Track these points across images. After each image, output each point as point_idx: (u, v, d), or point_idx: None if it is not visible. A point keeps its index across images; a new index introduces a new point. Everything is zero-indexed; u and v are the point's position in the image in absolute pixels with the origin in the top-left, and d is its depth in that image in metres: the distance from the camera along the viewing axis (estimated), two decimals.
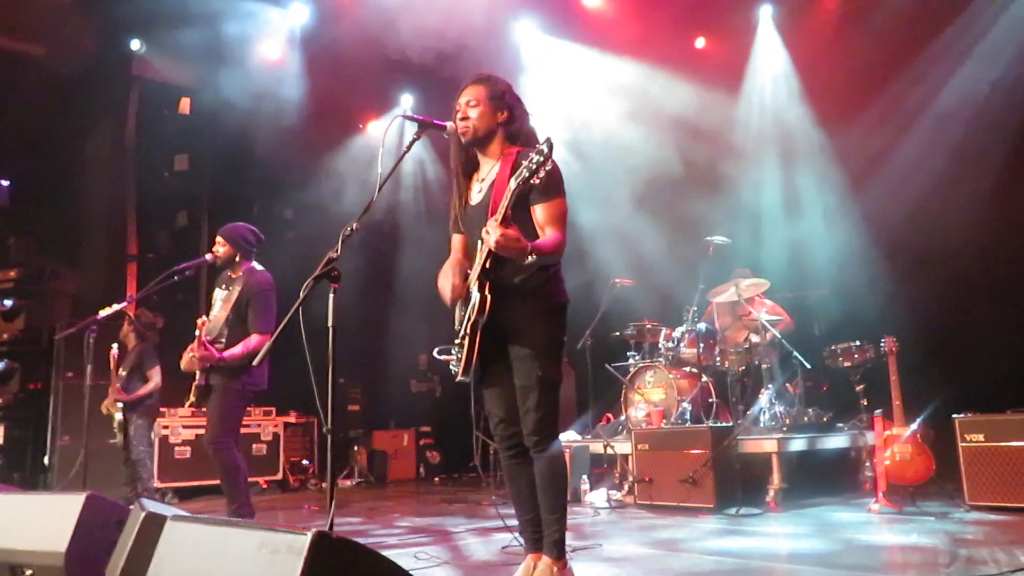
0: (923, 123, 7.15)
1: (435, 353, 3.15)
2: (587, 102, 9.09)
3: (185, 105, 9.17)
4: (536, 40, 9.12)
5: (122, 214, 9.18)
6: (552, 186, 2.90)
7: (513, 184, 2.73)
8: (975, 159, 6.62)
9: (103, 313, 4.96)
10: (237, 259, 4.61)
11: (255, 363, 2.80)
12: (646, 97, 8.65)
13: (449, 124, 3.03)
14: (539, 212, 2.91)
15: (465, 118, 3.01)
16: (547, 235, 2.87)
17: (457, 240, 3.19)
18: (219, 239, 4.65)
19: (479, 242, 2.87)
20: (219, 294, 4.65)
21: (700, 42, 8.97)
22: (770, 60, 8.57)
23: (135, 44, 8.76)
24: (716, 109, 8.43)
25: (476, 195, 3.07)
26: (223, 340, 4.41)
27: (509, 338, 2.92)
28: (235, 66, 8.42)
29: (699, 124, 8.34)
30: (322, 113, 9.44)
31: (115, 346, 6.24)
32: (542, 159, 2.66)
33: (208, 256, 4.65)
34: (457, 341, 2.94)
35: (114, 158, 9.10)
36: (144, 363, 6.27)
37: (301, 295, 2.59)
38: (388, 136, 2.99)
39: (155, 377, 6.25)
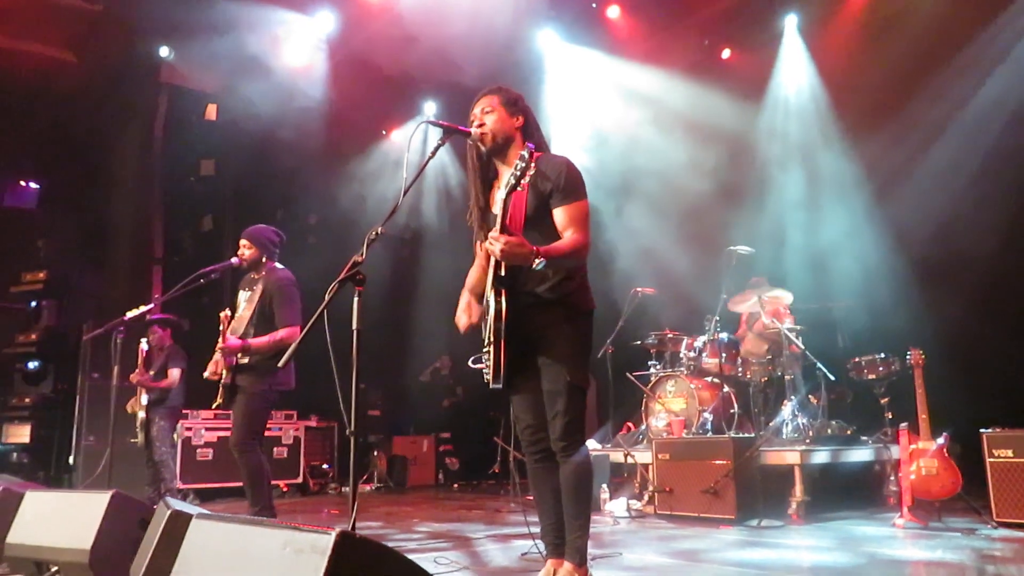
0: (950, 134, 7.06)
1: (470, 363, 3.15)
2: (610, 110, 9.10)
3: (212, 111, 9.30)
4: (559, 49, 9.15)
5: (148, 218, 9.32)
6: (572, 188, 2.92)
7: (502, 195, 2.81)
8: (1003, 171, 6.53)
9: (130, 315, 5.03)
10: (263, 260, 4.66)
11: (281, 364, 2.81)
12: (669, 106, 8.64)
13: (473, 130, 3.05)
14: (559, 215, 2.92)
15: (482, 125, 3.03)
16: (565, 238, 2.88)
17: (479, 247, 3.20)
18: (244, 242, 4.68)
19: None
20: (243, 296, 4.68)
21: (726, 53, 8.93)
22: (795, 70, 8.52)
23: (164, 51, 8.90)
24: (740, 118, 8.39)
25: (498, 205, 3.08)
26: (250, 339, 4.44)
27: (537, 345, 2.93)
28: (261, 73, 8.52)
29: (723, 133, 8.31)
30: (346, 120, 9.54)
31: (144, 341, 6.32)
32: (524, 164, 2.75)
33: (234, 260, 4.69)
34: (485, 349, 2.96)
35: (141, 163, 9.23)
36: (168, 362, 6.35)
37: (326, 298, 2.61)
38: (413, 142, 3.01)
39: (173, 375, 6.32)
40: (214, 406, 4.48)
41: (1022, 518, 4.56)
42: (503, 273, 2.86)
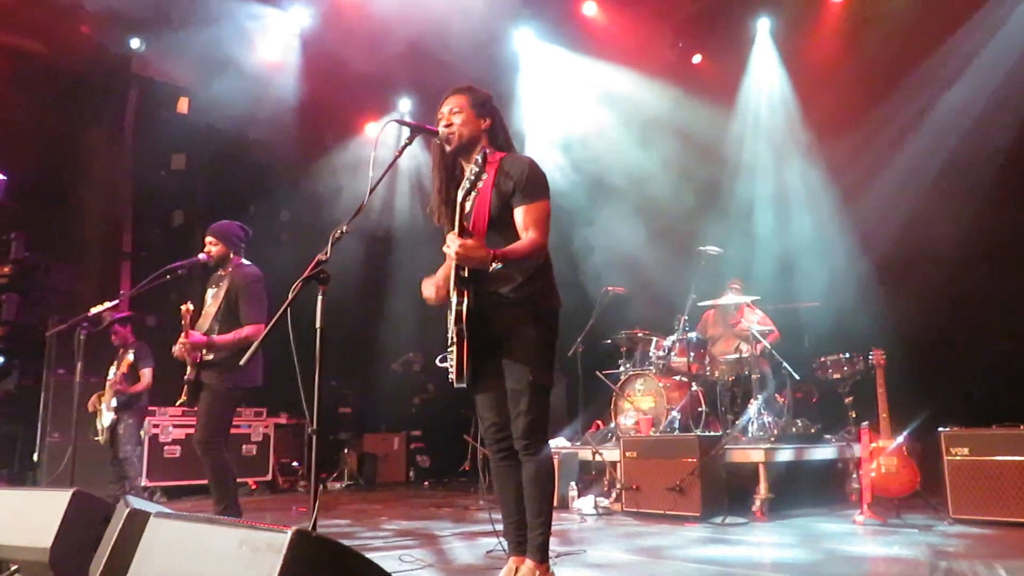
0: (915, 139, 7.20)
1: (437, 361, 3.17)
2: (583, 110, 9.15)
3: (184, 105, 9.21)
4: (534, 47, 9.17)
5: (118, 212, 9.21)
6: (533, 188, 2.93)
7: (460, 195, 2.82)
8: (966, 175, 6.67)
9: (94, 310, 4.97)
10: (230, 256, 4.64)
11: (242, 362, 2.81)
12: (641, 107, 8.71)
13: (441, 129, 3.06)
14: (519, 215, 2.92)
15: (449, 124, 3.04)
16: (524, 239, 2.90)
17: None
18: (210, 239, 4.65)
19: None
20: (210, 292, 4.66)
21: (697, 57, 9.00)
22: (766, 74, 8.62)
23: (135, 43, 8.78)
24: (712, 121, 8.48)
25: (468, 203, 3.09)
26: (214, 335, 4.42)
27: (502, 344, 2.95)
28: (234, 67, 8.45)
29: (695, 135, 8.39)
30: (320, 116, 9.49)
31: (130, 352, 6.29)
32: (478, 169, 2.79)
33: (202, 256, 4.66)
34: (448, 349, 2.97)
35: (111, 156, 9.13)
36: (139, 363, 6.31)
37: (289, 296, 2.62)
38: (384, 140, 3.03)
39: (146, 376, 6.27)
40: (178, 403, 4.44)
41: (977, 514, 4.68)
42: (465, 274, 2.88)
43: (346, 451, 9.48)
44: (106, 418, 6.25)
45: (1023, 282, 6.17)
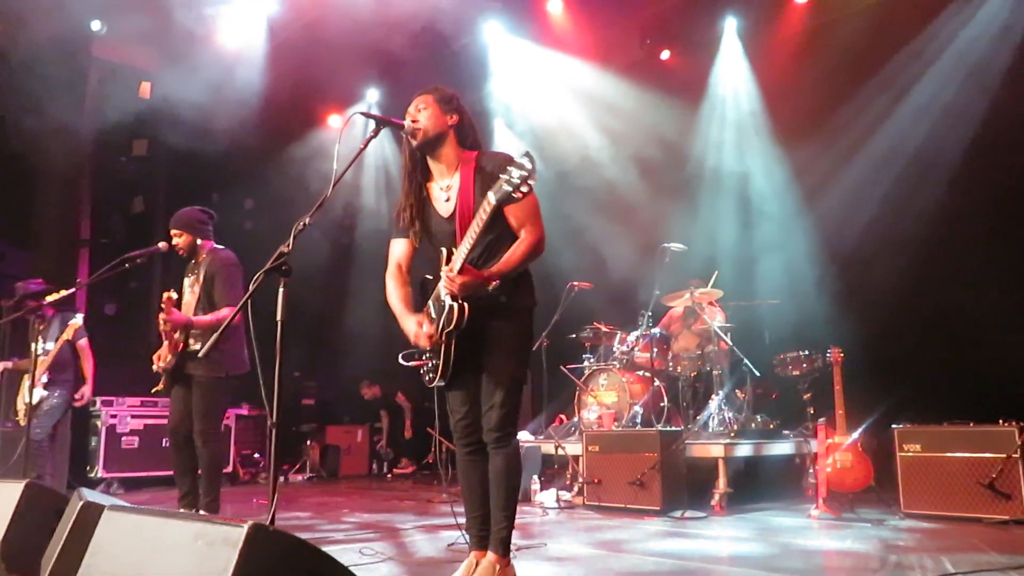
0: (875, 142, 7.34)
1: (400, 359, 3.16)
2: (549, 104, 9.15)
3: (146, 89, 9.01)
4: (503, 41, 9.14)
5: (76, 197, 9.00)
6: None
7: (493, 199, 2.68)
8: (922, 178, 6.81)
9: (49, 299, 4.87)
10: (198, 243, 4.57)
11: (202, 353, 2.78)
12: (608, 103, 8.74)
13: (407, 123, 3.05)
14: (512, 212, 2.92)
15: (415, 121, 3.03)
16: (521, 239, 2.93)
17: (400, 246, 3.16)
18: (174, 231, 4.56)
19: (445, 255, 2.93)
20: (187, 282, 4.59)
21: (665, 54, 9.04)
22: (732, 73, 8.70)
23: (96, 25, 8.57)
24: (678, 119, 8.54)
25: (443, 204, 3.07)
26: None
27: (479, 340, 2.96)
28: (199, 52, 8.30)
29: (660, 133, 8.45)
30: (286, 104, 9.36)
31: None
32: (525, 174, 2.58)
33: (162, 244, 4.58)
34: (430, 349, 2.97)
35: (70, 140, 8.90)
36: (78, 334, 6.08)
37: (250, 288, 2.59)
38: (350, 132, 3.01)
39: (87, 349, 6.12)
40: (153, 392, 4.42)
41: (928, 509, 4.80)
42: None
43: (309, 443, 9.42)
44: (35, 395, 5.92)
45: (977, 286, 6.32)
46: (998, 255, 6.37)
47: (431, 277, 3.06)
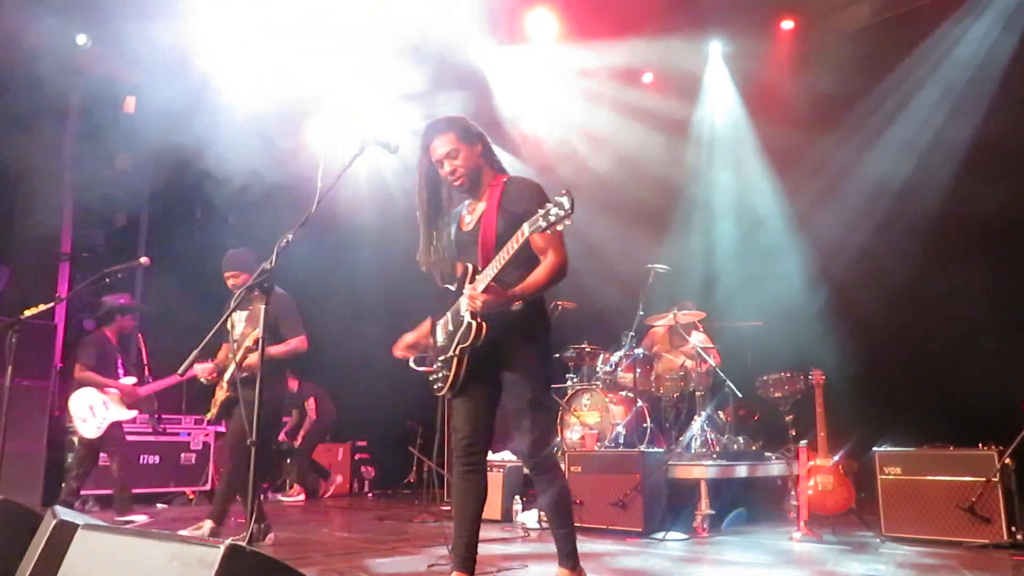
0: (863, 168, 7.43)
1: (412, 363, 3.19)
2: (535, 122, 9.18)
3: (130, 104, 8.97)
4: (492, 56, 9.14)
5: (58, 211, 8.92)
6: None
7: (527, 231, 2.69)
8: (909, 207, 6.90)
9: (28, 313, 4.80)
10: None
11: (180, 371, 2.76)
12: (593, 124, 8.78)
13: (393, 143, 3.05)
14: (537, 239, 2.91)
15: (453, 171, 3.05)
16: (544, 262, 2.94)
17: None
18: (229, 272, 4.90)
19: (470, 272, 2.97)
20: (242, 315, 4.86)
21: (648, 77, 9.10)
22: (719, 95, 8.78)
23: (81, 39, 8.53)
24: (665, 140, 8.59)
25: (468, 220, 3.14)
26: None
27: (499, 361, 2.98)
28: (183, 66, 8.27)
29: (647, 154, 8.50)
30: (271, 119, 9.33)
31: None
32: (563, 213, 2.59)
33: (143, 259, 4.65)
34: (442, 359, 3.00)
35: (52, 153, 8.84)
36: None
37: (232, 304, 2.58)
38: (333, 149, 3.01)
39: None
40: (207, 417, 4.97)
41: (908, 532, 4.82)
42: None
43: (289, 461, 9.30)
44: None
45: (958, 310, 6.39)
46: (979, 280, 6.45)
47: (452, 288, 3.08)
